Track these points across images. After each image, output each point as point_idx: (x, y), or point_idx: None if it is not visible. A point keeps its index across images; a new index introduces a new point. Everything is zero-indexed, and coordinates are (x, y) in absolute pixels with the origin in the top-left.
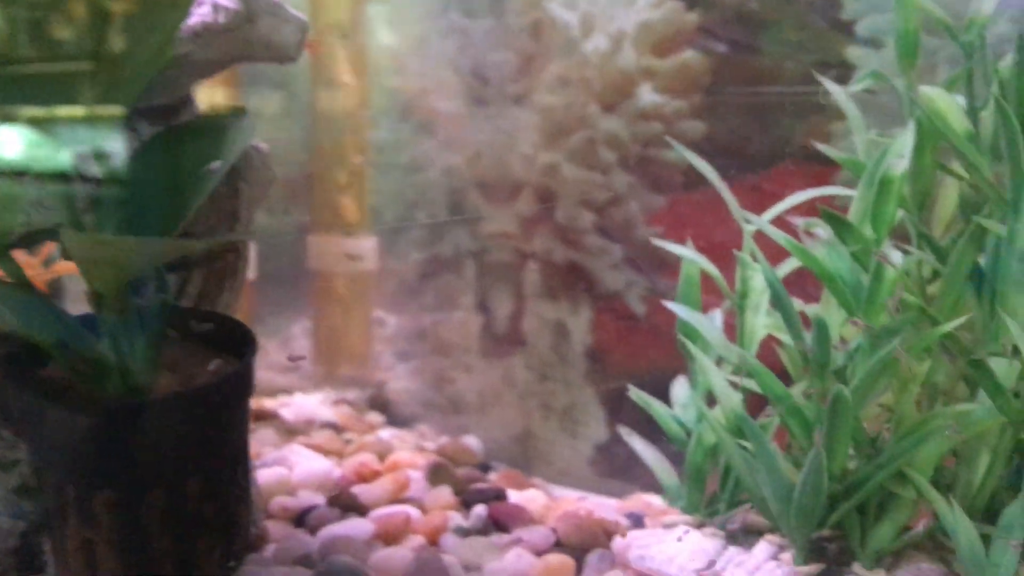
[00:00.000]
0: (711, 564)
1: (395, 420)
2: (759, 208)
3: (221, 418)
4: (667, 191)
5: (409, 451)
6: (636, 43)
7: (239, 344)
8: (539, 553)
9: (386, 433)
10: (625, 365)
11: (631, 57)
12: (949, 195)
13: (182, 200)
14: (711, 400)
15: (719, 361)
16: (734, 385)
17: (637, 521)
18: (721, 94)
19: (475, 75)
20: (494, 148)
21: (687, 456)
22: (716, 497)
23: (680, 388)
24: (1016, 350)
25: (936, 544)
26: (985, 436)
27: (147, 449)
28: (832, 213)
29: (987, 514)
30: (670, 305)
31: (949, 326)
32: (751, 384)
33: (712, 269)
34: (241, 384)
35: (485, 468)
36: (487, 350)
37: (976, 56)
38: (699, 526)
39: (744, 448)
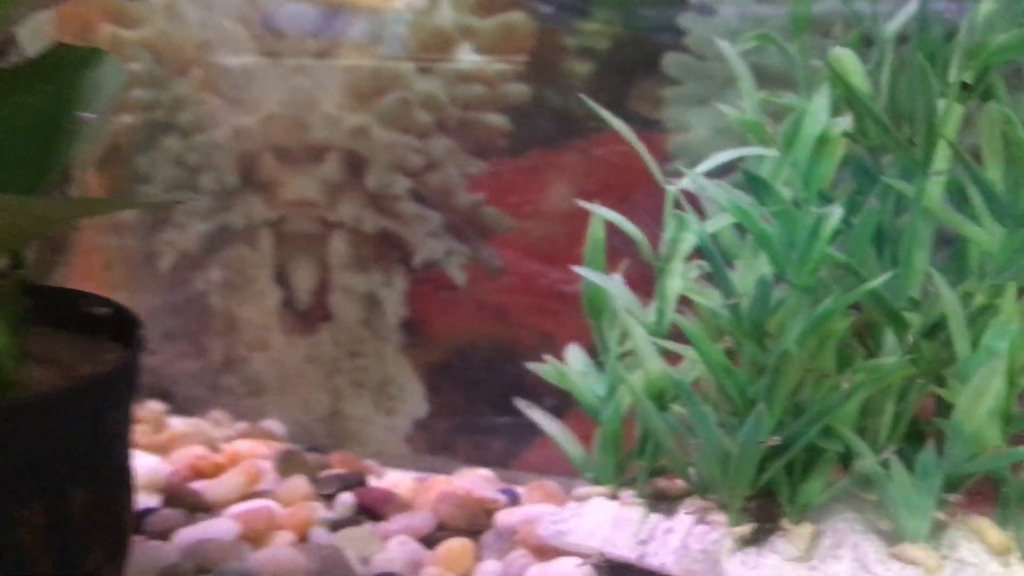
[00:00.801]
0: (638, 534)
1: (180, 407)
2: (589, 173)
3: (109, 416)
4: (490, 156)
5: (250, 440)
6: (455, 1)
7: (121, 330)
8: (424, 539)
9: (177, 422)
10: (445, 337)
11: (449, 15)
12: None
13: (33, 154)
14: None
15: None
16: (667, 351)
17: (513, 497)
18: (547, 56)
19: (267, 27)
20: (292, 108)
21: (602, 425)
22: (623, 466)
23: (576, 356)
24: (916, 303)
25: (851, 496)
26: (890, 389)
27: (18, 457)
28: (753, 174)
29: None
30: (578, 269)
31: (875, 283)
32: (673, 346)
33: (632, 228)
34: (129, 376)
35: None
36: (287, 327)
37: (867, 20)
38: (613, 497)
39: (665, 413)
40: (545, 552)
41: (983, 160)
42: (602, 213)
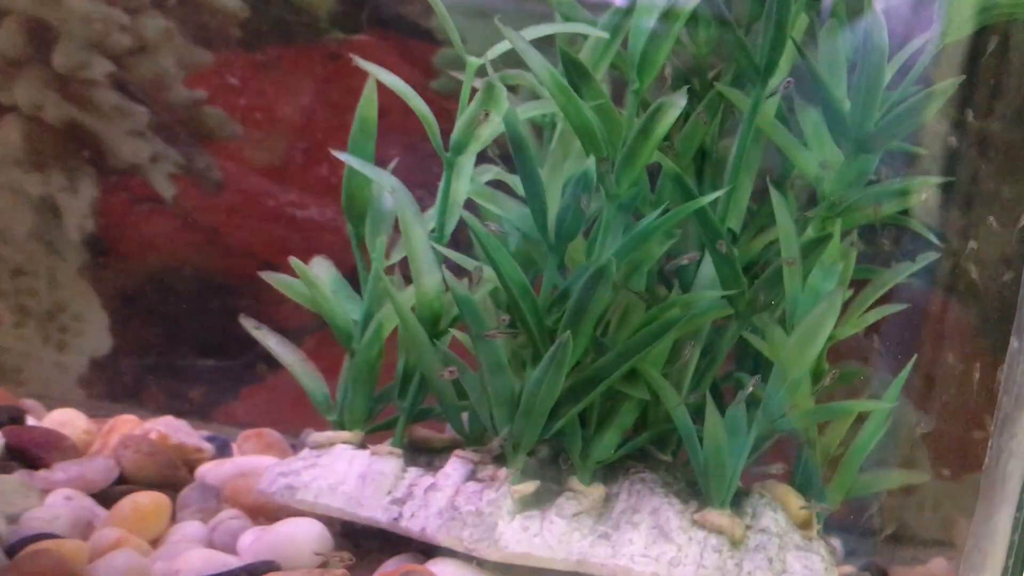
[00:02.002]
0: (393, 491)
1: None
2: (337, 79)
3: None
4: (218, 46)
5: None
6: None
7: None
8: (100, 494)
9: None
10: (141, 260)
11: None
12: None
13: None
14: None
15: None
16: (467, 274)
17: (223, 445)
18: None
19: None
20: None
21: (353, 355)
22: (377, 408)
23: (325, 270)
24: (735, 235)
25: (648, 455)
26: (700, 332)
27: None
28: (572, 57)
29: (696, 415)
30: (342, 155)
31: (704, 200)
32: (457, 256)
33: (423, 109)
34: None
35: None
36: None
37: None
38: (362, 445)
39: (438, 342)
40: (265, 512)
41: (822, 81)
42: (389, 81)
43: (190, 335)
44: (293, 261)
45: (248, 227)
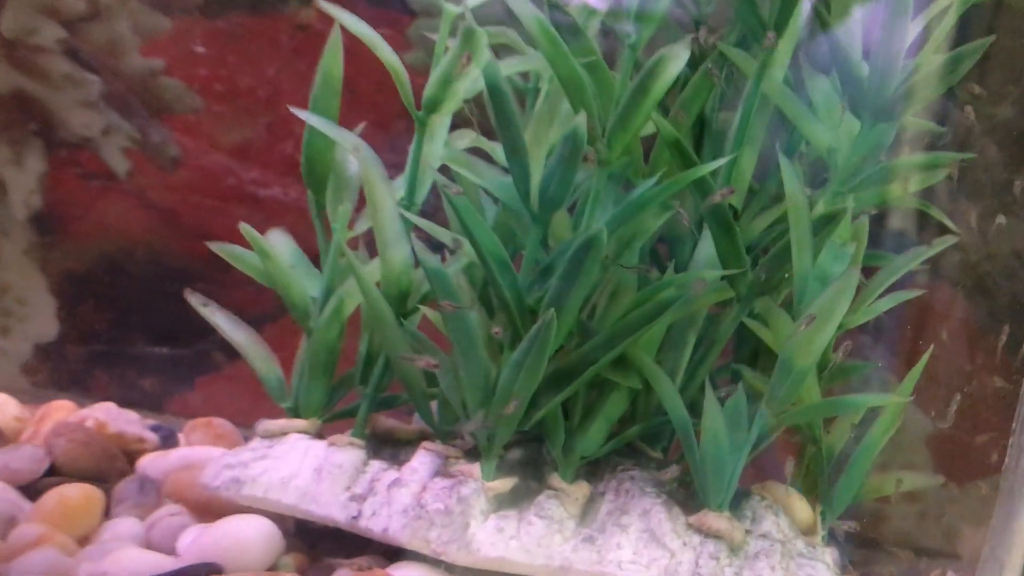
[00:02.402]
0: (353, 486)
1: None
2: (304, 48)
3: None
4: (177, 12)
5: None
6: None
7: None
8: (27, 486)
9: None
10: (92, 240)
11: None
12: None
13: None
14: None
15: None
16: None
17: (169, 435)
18: None
19: None
20: None
21: (311, 335)
22: (337, 394)
23: (283, 243)
24: (735, 211)
25: (634, 450)
26: (695, 317)
27: None
28: (559, 6)
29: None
30: (301, 112)
31: (705, 168)
32: (430, 226)
33: (392, 60)
34: None
35: None
36: None
37: None
38: (320, 435)
39: (406, 322)
40: (212, 509)
41: (838, 42)
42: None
43: (143, 321)
44: (244, 227)
45: (207, 207)
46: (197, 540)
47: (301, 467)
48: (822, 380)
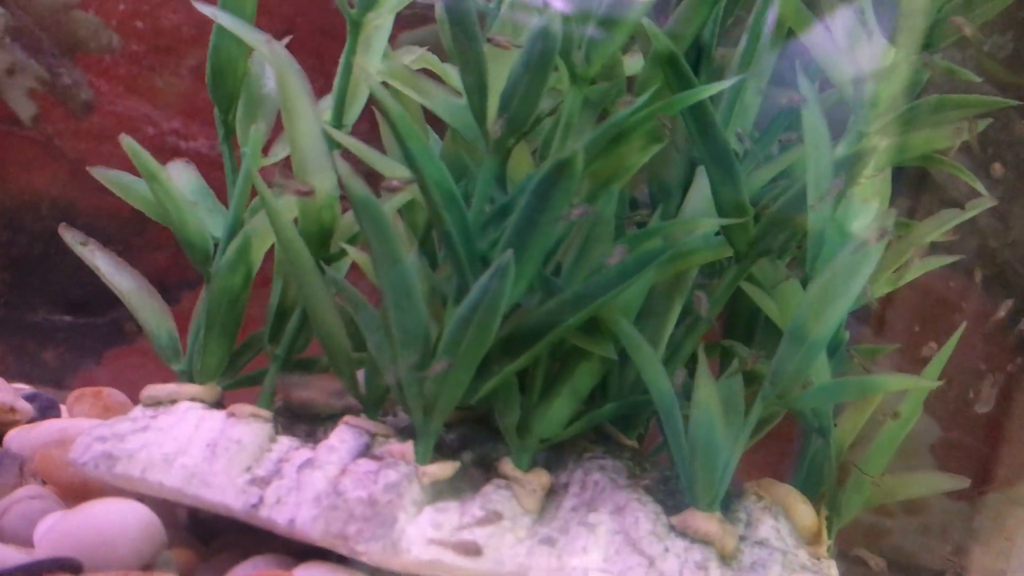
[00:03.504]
0: (254, 467)
1: None
2: None
3: None
4: None
5: None
6: None
7: None
8: None
9: None
10: None
11: None
12: None
13: None
14: None
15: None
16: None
17: (48, 407)
18: None
19: None
20: None
21: (210, 282)
22: (241, 357)
23: (185, 174)
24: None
25: (605, 435)
26: (683, 278)
27: None
28: None
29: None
30: (205, 7)
31: (703, 91)
32: (358, 148)
33: None
34: None
35: None
36: None
37: None
38: (217, 403)
39: (328, 268)
40: (88, 492)
41: None
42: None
43: (46, 285)
44: (125, 141)
45: (121, 157)
46: (55, 528)
47: (191, 442)
48: (832, 361)
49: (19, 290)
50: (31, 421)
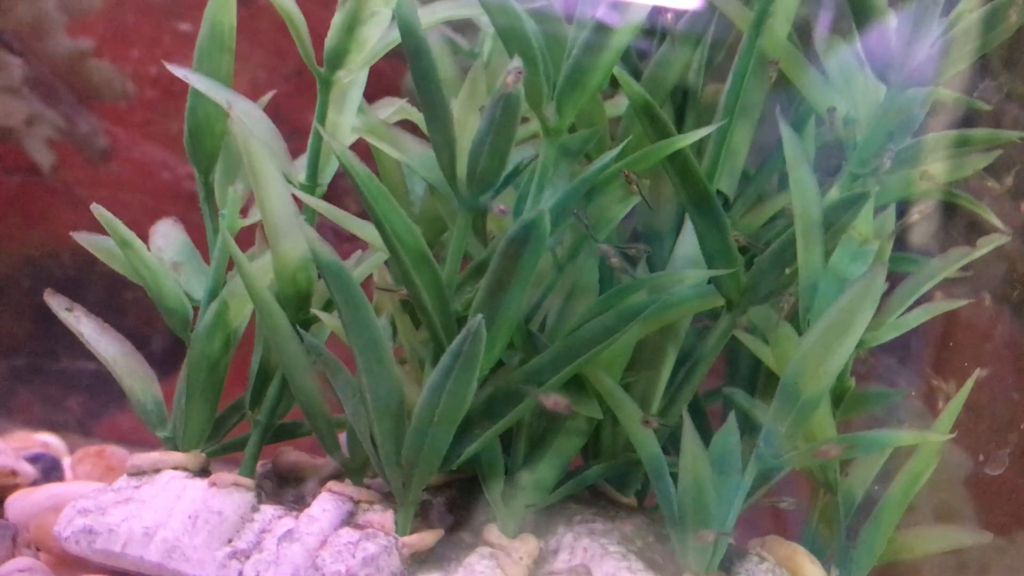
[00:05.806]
0: (235, 538)
1: None
2: (247, 26)
3: None
4: None
5: None
6: None
7: None
8: None
9: None
10: (12, 242)
11: None
12: None
13: None
14: None
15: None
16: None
17: (51, 468)
18: None
19: None
20: None
21: (191, 349)
22: (225, 423)
23: (171, 235)
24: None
25: (598, 494)
26: (676, 329)
27: None
28: None
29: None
30: (177, 69)
31: (685, 138)
32: (332, 212)
33: (288, 6)
34: None
35: None
36: None
37: None
38: (202, 471)
39: (306, 332)
40: (81, 563)
41: None
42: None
43: (68, 333)
44: (96, 209)
45: (139, 204)
46: None
47: (172, 514)
48: (838, 411)
49: (42, 338)
50: (34, 483)
